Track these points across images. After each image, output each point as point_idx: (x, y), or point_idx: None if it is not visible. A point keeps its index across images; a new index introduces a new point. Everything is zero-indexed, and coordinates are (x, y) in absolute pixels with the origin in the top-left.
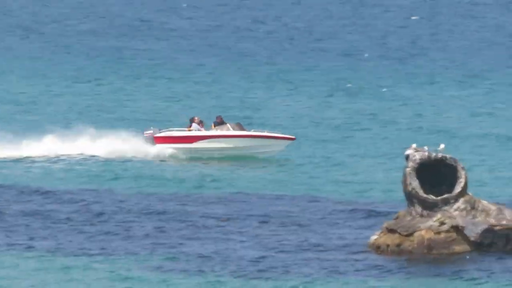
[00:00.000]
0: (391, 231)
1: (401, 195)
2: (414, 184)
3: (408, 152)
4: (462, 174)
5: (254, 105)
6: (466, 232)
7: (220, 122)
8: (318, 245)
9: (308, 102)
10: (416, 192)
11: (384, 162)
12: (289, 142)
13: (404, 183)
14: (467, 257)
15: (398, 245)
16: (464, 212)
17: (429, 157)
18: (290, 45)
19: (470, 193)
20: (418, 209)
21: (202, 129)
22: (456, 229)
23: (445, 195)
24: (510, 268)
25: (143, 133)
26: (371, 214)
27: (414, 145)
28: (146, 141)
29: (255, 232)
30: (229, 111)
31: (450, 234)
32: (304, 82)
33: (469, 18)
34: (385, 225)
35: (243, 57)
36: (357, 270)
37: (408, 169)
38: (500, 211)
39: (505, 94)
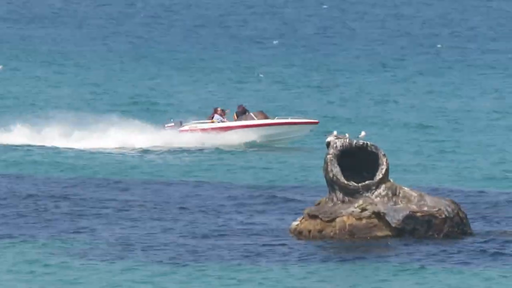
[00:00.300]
0: (312, 217)
1: (318, 181)
2: (335, 170)
3: (329, 139)
4: (383, 161)
5: (164, 92)
6: (388, 218)
7: (242, 112)
8: (237, 231)
9: (219, 89)
10: (337, 178)
11: (297, 148)
12: (313, 126)
13: (325, 170)
14: (389, 243)
15: (320, 231)
16: (385, 199)
17: (350, 144)
18: (200, 32)
19: (391, 180)
20: (340, 195)
21: (225, 120)
22: (378, 215)
23: (367, 182)
24: (431, 253)
25: (164, 126)
26: (289, 200)
27: (335, 132)
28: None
29: (173, 218)
30: (139, 97)
31: (371, 220)
32: (214, 70)
33: (379, 7)
34: (306, 211)
35: (153, 45)
36: (277, 255)
37: (329, 156)
38: (421, 197)
39: (416, 82)
